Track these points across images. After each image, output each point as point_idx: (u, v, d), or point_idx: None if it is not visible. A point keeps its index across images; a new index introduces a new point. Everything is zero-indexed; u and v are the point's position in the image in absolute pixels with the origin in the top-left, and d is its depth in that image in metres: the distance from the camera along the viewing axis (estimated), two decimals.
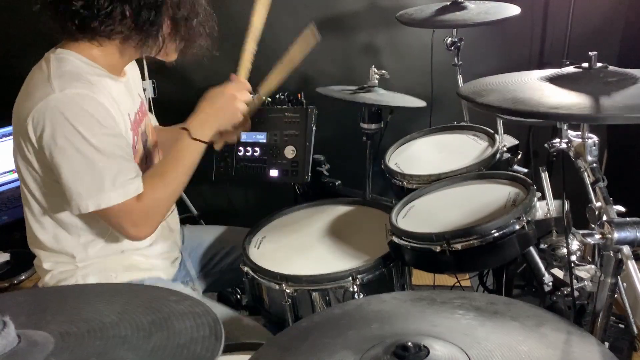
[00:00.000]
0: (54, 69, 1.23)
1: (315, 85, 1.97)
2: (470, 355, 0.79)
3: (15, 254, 2.10)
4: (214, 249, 1.72)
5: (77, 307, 0.87)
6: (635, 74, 1.06)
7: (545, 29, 2.40)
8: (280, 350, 0.91)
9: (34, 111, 1.19)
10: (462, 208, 1.40)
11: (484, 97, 1.08)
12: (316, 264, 1.44)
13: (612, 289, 1.01)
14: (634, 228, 0.92)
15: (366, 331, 0.90)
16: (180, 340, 0.75)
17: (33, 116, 1.20)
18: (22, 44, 1.79)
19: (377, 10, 2.37)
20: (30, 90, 1.24)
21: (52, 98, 1.18)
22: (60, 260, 1.40)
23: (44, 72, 1.24)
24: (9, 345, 0.70)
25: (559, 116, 1.00)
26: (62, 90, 1.19)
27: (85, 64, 1.28)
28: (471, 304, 0.96)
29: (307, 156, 1.98)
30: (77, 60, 1.28)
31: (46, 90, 1.20)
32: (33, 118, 1.20)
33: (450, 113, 2.14)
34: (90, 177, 1.22)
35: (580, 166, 1.10)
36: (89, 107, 1.21)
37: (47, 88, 1.20)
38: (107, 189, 1.23)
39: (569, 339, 0.85)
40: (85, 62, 1.29)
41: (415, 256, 1.31)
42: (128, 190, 1.25)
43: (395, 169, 1.69)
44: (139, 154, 1.42)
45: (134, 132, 1.39)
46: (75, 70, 1.25)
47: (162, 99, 2.25)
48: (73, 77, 1.23)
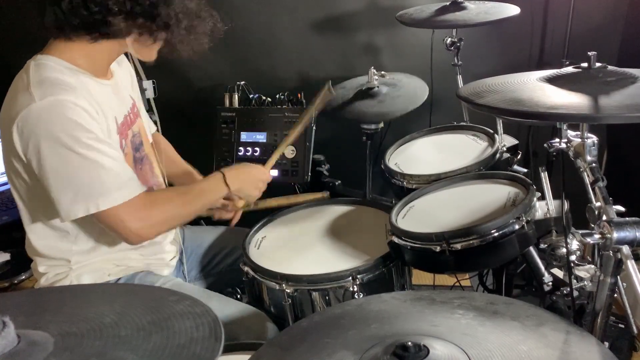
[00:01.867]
0: (33, 76, 1.21)
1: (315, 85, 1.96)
2: (470, 355, 0.79)
3: (15, 254, 2.10)
4: (214, 249, 1.72)
5: (77, 307, 0.87)
6: (634, 73, 1.06)
7: (545, 29, 2.40)
8: (280, 350, 0.91)
9: (17, 121, 1.18)
10: (462, 208, 1.40)
11: (483, 98, 1.08)
12: (316, 264, 1.44)
13: (611, 288, 1.01)
14: (633, 228, 0.92)
15: (366, 331, 0.90)
16: (180, 340, 0.75)
17: (17, 125, 1.18)
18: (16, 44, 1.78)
19: (377, 10, 2.37)
20: (12, 99, 1.22)
21: (32, 107, 1.17)
22: (55, 264, 1.40)
23: (23, 81, 1.22)
24: (9, 345, 0.70)
25: (558, 116, 1.00)
26: (42, 98, 1.17)
27: (66, 68, 1.26)
28: (471, 303, 0.96)
29: (307, 156, 1.98)
30: (57, 65, 1.25)
31: (26, 99, 1.18)
32: (17, 127, 1.18)
33: (450, 113, 2.14)
34: (78, 183, 1.21)
35: (579, 166, 1.10)
36: (71, 113, 1.19)
37: (27, 97, 1.18)
38: (97, 194, 1.21)
39: (568, 339, 0.85)
40: (66, 66, 1.26)
41: (415, 256, 1.31)
42: (121, 194, 1.24)
43: (395, 169, 1.69)
44: (129, 157, 1.40)
45: (122, 134, 1.36)
46: (54, 75, 1.22)
47: (162, 99, 2.24)
48: (53, 83, 1.21)
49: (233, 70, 2.40)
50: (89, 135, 1.21)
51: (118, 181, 1.24)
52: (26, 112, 1.17)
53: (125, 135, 1.39)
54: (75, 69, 1.28)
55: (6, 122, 1.22)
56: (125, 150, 1.37)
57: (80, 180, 1.21)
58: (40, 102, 1.17)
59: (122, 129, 1.37)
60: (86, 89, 1.26)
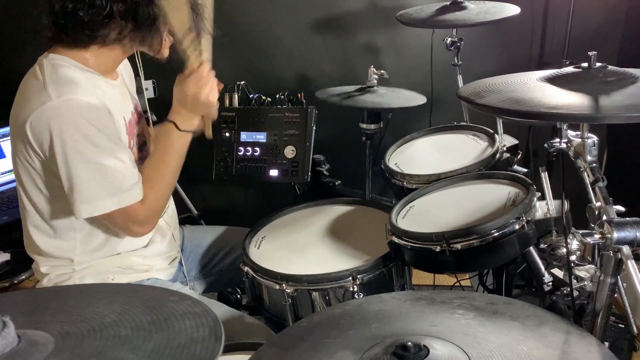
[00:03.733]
0: (49, 75, 1.23)
1: (315, 85, 1.97)
2: (470, 354, 0.79)
3: (15, 254, 2.10)
4: (214, 249, 1.73)
5: (77, 307, 0.87)
6: (634, 73, 1.06)
7: (545, 29, 2.40)
8: (280, 350, 0.91)
9: (32, 118, 1.19)
10: (462, 208, 1.40)
11: (483, 98, 1.08)
12: (316, 264, 1.44)
13: (611, 288, 1.01)
14: (633, 228, 0.92)
15: (366, 331, 0.90)
16: (180, 340, 0.75)
17: (31, 123, 1.19)
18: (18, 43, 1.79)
19: (377, 10, 2.37)
20: (26, 97, 1.24)
21: (49, 105, 1.18)
22: (57, 264, 1.40)
23: (38, 79, 1.23)
24: (9, 345, 0.70)
25: (558, 116, 1.00)
26: (59, 96, 1.19)
27: (78, 68, 1.28)
28: (471, 303, 0.96)
29: (307, 156, 1.98)
30: (71, 65, 1.27)
31: (43, 97, 1.19)
32: (31, 125, 1.19)
33: (450, 113, 2.13)
34: (92, 183, 1.22)
35: (579, 166, 1.10)
36: (87, 113, 1.20)
37: (44, 95, 1.19)
38: (112, 193, 1.23)
39: (568, 339, 0.85)
40: (78, 66, 1.28)
41: (415, 256, 1.31)
42: (133, 193, 1.26)
43: (395, 169, 1.69)
44: (135, 156, 1.41)
45: (130, 134, 1.39)
46: (69, 75, 1.24)
47: (162, 99, 2.24)
48: (68, 82, 1.22)
49: (233, 70, 2.40)
50: (103, 135, 1.23)
51: (130, 181, 1.26)
52: (42, 110, 1.18)
53: (132, 135, 1.41)
54: (86, 69, 1.29)
55: (19, 119, 1.22)
56: (133, 150, 1.39)
57: (95, 179, 1.23)
58: (57, 100, 1.18)
59: (129, 129, 1.39)
60: (98, 88, 1.28)
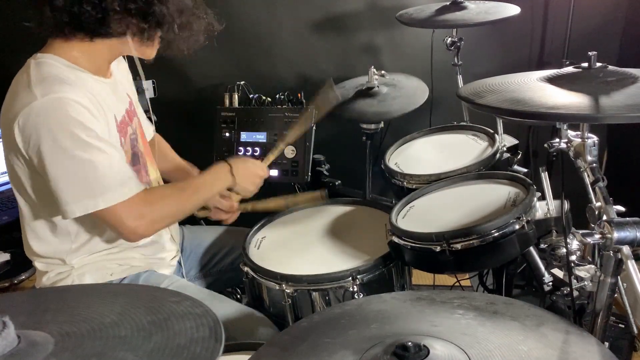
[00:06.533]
0: (34, 74, 1.22)
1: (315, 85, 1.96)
2: (470, 354, 0.79)
3: (15, 254, 2.10)
4: (214, 249, 1.73)
5: (77, 308, 0.87)
6: (634, 73, 1.06)
7: (545, 29, 2.40)
8: (280, 350, 0.91)
9: (19, 118, 1.18)
10: (462, 208, 1.40)
11: (483, 98, 1.08)
12: (316, 264, 1.44)
13: (611, 288, 1.01)
14: (633, 228, 0.92)
15: (366, 331, 0.90)
16: (180, 340, 0.76)
17: (18, 123, 1.19)
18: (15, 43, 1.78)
19: (377, 10, 2.37)
20: (13, 97, 1.23)
21: (35, 105, 1.17)
22: (55, 262, 1.40)
23: (24, 79, 1.23)
24: (9, 345, 0.70)
25: (558, 116, 1.00)
26: (44, 95, 1.18)
27: (66, 66, 1.27)
28: (471, 303, 0.96)
29: (307, 156, 1.98)
30: (58, 63, 1.26)
31: (28, 97, 1.19)
32: (18, 125, 1.19)
33: (450, 113, 2.14)
34: (78, 182, 1.21)
35: (580, 166, 1.10)
36: (72, 111, 1.19)
37: (29, 95, 1.19)
38: (99, 192, 1.22)
39: (568, 339, 0.85)
40: (66, 64, 1.27)
41: (415, 256, 1.31)
42: (122, 192, 1.24)
43: (395, 169, 1.69)
44: (128, 155, 1.40)
45: (121, 133, 1.37)
46: (55, 73, 1.23)
47: (162, 99, 2.24)
48: (54, 81, 1.22)
49: (233, 70, 2.40)
50: (90, 133, 1.21)
51: (117, 179, 1.25)
52: (28, 110, 1.18)
53: (124, 134, 1.40)
54: (75, 67, 1.28)
55: (7, 120, 1.22)
56: (124, 148, 1.38)
57: (80, 178, 1.22)
58: (42, 100, 1.18)
59: (121, 127, 1.38)
60: (86, 86, 1.27)
